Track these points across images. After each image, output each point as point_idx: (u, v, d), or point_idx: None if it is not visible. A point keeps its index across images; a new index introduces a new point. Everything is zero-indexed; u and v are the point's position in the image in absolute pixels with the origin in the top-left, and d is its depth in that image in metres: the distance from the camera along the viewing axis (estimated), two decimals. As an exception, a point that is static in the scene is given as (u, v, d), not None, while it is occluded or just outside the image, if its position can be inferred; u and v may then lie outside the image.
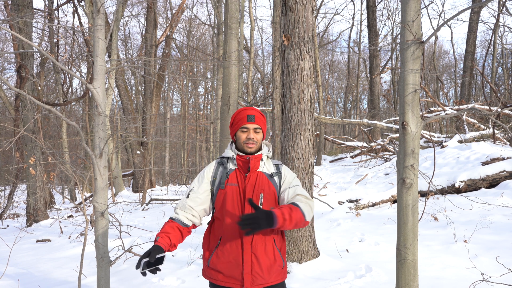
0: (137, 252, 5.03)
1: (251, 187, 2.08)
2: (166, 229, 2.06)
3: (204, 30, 26.11)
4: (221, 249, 2.07)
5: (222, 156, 2.22)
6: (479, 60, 25.48)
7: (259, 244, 2.04)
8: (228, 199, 2.08)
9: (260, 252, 2.04)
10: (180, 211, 2.13)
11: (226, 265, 2.05)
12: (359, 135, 18.83)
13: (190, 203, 2.12)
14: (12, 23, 7.48)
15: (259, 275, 2.03)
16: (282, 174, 2.16)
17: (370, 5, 17.60)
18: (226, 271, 2.06)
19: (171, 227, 2.07)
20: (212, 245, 2.12)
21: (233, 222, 2.05)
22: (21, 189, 12.52)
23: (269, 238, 2.08)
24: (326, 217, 6.78)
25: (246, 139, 2.10)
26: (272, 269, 2.07)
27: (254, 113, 2.12)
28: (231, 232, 2.05)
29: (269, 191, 2.09)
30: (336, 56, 33.01)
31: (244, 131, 2.12)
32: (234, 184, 2.10)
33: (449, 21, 4.57)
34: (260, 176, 2.11)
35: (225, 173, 2.12)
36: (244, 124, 2.11)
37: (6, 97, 9.81)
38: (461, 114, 10.76)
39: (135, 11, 25.57)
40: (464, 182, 7.29)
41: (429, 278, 3.81)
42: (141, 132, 14.97)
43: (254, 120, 2.11)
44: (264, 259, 2.04)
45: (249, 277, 2.02)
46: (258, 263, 2.03)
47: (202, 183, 2.14)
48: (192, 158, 27.26)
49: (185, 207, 2.13)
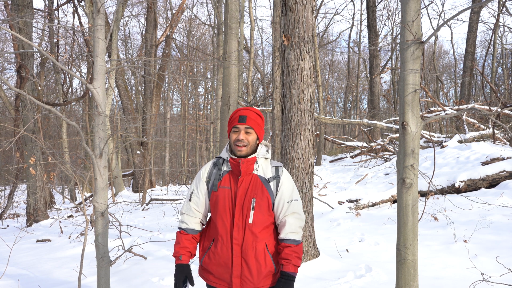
0: (137, 252, 5.04)
1: (244, 190, 2.06)
2: (185, 244, 2.12)
3: (204, 30, 26.12)
4: (213, 250, 2.08)
5: (218, 156, 2.20)
6: (479, 60, 25.48)
7: (249, 249, 2.03)
8: (220, 202, 2.07)
9: (250, 257, 2.03)
10: (187, 217, 2.15)
11: (217, 267, 2.06)
12: (359, 135, 18.82)
13: (194, 206, 2.15)
14: (12, 23, 7.48)
15: (248, 279, 2.03)
16: (281, 180, 2.10)
17: (370, 5, 17.60)
18: (216, 273, 2.07)
19: (188, 239, 2.14)
20: (205, 245, 2.14)
21: (224, 226, 2.05)
22: (21, 189, 12.51)
23: (261, 243, 2.06)
24: (326, 217, 6.78)
25: (236, 140, 2.06)
26: (262, 274, 2.05)
27: (247, 114, 2.07)
28: (222, 235, 2.05)
29: (262, 196, 2.05)
30: (336, 56, 33.03)
31: (235, 132, 2.08)
32: (226, 187, 2.08)
33: (449, 21, 4.57)
34: (254, 180, 2.08)
35: (218, 175, 2.11)
36: (235, 124, 2.08)
37: (6, 97, 9.81)
38: (461, 114, 10.76)
39: (135, 11, 25.53)
40: (464, 182, 7.29)
41: (429, 278, 3.81)
42: (141, 132, 14.96)
43: (246, 120, 2.05)
44: (253, 263, 2.03)
45: (238, 280, 2.03)
46: (247, 267, 2.03)
47: (199, 185, 2.15)
48: (192, 158, 27.25)
49: (191, 211, 2.15)
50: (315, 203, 7.27)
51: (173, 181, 19.26)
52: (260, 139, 2.15)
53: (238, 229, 2.03)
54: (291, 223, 2.07)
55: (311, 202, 4.44)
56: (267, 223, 2.08)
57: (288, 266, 2.02)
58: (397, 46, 23.53)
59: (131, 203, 11.00)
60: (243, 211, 2.04)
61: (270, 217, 2.09)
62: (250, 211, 2.03)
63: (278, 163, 2.18)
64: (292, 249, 2.04)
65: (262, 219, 2.05)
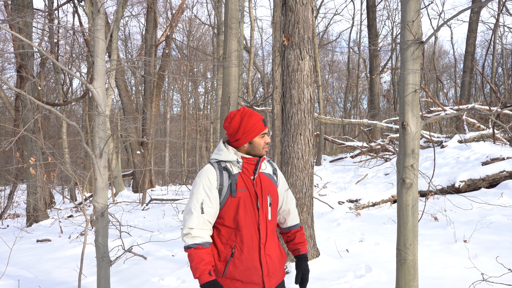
0: (137, 252, 5.04)
1: (260, 189, 2.07)
2: (209, 259, 1.96)
3: (204, 30, 26.12)
4: (238, 257, 1.99)
5: (217, 159, 2.07)
6: (479, 60, 25.48)
7: (271, 244, 2.10)
8: (241, 206, 2.01)
9: (272, 252, 2.10)
10: (200, 231, 1.98)
11: (245, 273, 2.00)
12: (359, 135, 18.82)
13: (208, 218, 2.00)
14: (12, 23, 7.48)
15: (274, 274, 2.09)
16: (278, 172, 2.23)
17: (370, 5, 17.60)
18: (244, 278, 2.00)
19: (209, 254, 1.97)
20: (225, 255, 2.02)
21: (249, 229, 2.02)
22: (21, 189, 12.52)
23: (275, 235, 2.17)
24: (326, 217, 6.79)
25: (265, 144, 2.11)
26: (281, 264, 2.15)
27: (262, 116, 2.14)
28: (247, 239, 2.01)
29: (274, 192, 2.14)
30: (336, 56, 33.05)
31: (263, 137, 2.10)
32: (243, 190, 2.03)
33: (449, 21, 4.57)
34: (263, 177, 2.12)
35: (233, 180, 2.01)
36: (263, 129, 2.09)
37: (6, 97, 9.82)
38: (461, 114, 10.76)
39: (135, 11, 25.55)
40: (464, 182, 7.29)
41: (429, 278, 3.81)
42: (141, 132, 14.97)
43: (266, 123, 2.13)
44: (276, 257, 2.11)
45: (268, 278, 2.05)
46: (272, 262, 2.08)
47: (211, 193, 2.00)
48: (192, 158, 27.26)
49: (205, 224, 1.99)
50: (315, 203, 7.27)
51: (173, 181, 19.27)
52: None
53: (263, 229, 2.06)
54: (294, 210, 2.26)
55: (311, 202, 4.44)
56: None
57: (304, 248, 2.24)
58: (397, 46, 23.53)
59: (131, 203, 11.00)
60: (263, 210, 2.07)
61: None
62: (268, 208, 2.08)
63: (267, 157, 2.29)
64: (302, 232, 2.27)
65: (276, 213, 2.16)
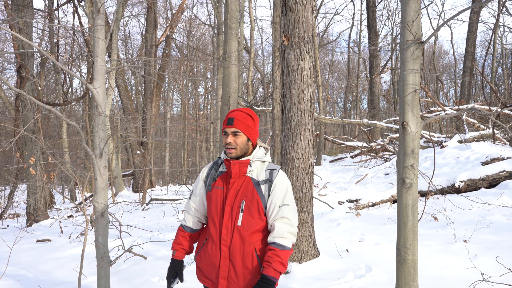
0: (137, 252, 5.04)
1: (234, 192, 2.05)
2: (180, 241, 2.20)
3: (204, 30, 26.12)
4: (204, 250, 2.10)
5: (219, 157, 2.22)
6: (479, 60, 25.47)
7: (237, 251, 2.01)
8: (212, 202, 2.09)
9: (237, 259, 2.01)
10: (187, 215, 2.22)
11: (206, 266, 2.08)
12: (359, 135, 18.81)
13: (193, 204, 2.20)
14: (12, 23, 7.48)
15: (234, 281, 2.02)
16: (273, 183, 2.04)
17: (370, 5, 17.60)
18: (206, 271, 2.10)
19: (184, 237, 2.21)
20: (200, 244, 2.18)
21: (215, 226, 2.06)
22: (21, 189, 12.51)
23: (249, 247, 2.02)
24: (326, 217, 6.79)
25: (225, 144, 2.06)
26: (247, 278, 2.02)
27: (235, 116, 2.04)
28: (213, 235, 2.06)
29: (252, 199, 2.02)
30: (336, 56, 33.01)
31: (224, 135, 2.07)
32: (219, 188, 2.10)
33: (449, 21, 4.57)
34: (246, 182, 2.06)
35: (214, 176, 2.14)
36: (224, 127, 2.06)
37: (6, 97, 9.82)
38: (461, 114, 10.76)
39: (135, 11, 25.53)
40: (464, 182, 7.29)
41: (429, 278, 3.81)
42: (141, 132, 14.97)
43: (233, 123, 2.02)
44: (240, 266, 2.01)
45: (224, 282, 2.03)
46: (234, 270, 2.01)
47: (198, 184, 2.20)
48: (192, 158, 27.25)
49: (190, 209, 2.20)
50: (315, 203, 7.27)
51: (173, 181, 19.26)
52: (252, 140, 2.09)
53: (227, 231, 2.02)
54: (278, 227, 2.01)
55: (311, 202, 4.44)
56: (258, 227, 2.04)
57: (267, 269, 1.95)
58: (397, 46, 23.54)
59: (131, 203, 11.00)
60: (232, 213, 2.03)
61: (261, 221, 2.04)
62: (239, 213, 2.02)
63: (276, 166, 2.11)
64: (275, 253, 1.97)
65: (252, 222, 2.02)
